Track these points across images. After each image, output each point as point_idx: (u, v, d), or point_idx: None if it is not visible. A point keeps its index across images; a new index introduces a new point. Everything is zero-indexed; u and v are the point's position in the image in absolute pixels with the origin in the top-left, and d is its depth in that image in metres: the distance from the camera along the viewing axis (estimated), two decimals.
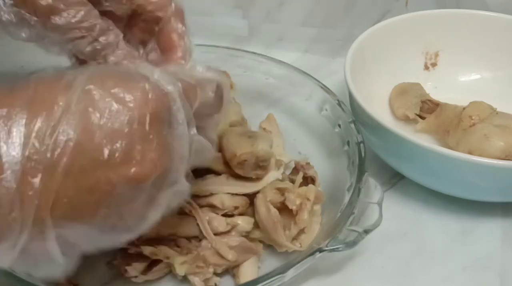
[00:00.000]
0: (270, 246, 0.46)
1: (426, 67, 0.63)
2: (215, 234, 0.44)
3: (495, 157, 0.48)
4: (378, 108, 0.58)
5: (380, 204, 0.44)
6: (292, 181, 0.48)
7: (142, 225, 0.32)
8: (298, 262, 0.40)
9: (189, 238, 0.44)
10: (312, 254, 0.41)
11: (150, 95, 0.30)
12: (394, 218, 0.48)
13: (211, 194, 0.45)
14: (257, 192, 0.46)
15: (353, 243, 0.42)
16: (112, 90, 0.29)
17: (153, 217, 0.33)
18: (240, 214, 0.46)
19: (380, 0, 0.67)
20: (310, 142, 0.56)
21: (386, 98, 0.61)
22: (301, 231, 0.45)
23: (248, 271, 0.44)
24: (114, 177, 0.28)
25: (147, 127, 0.29)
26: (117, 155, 0.28)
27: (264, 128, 0.56)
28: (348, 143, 0.50)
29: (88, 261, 0.43)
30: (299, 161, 0.50)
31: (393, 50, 0.61)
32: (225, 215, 0.45)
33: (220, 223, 0.44)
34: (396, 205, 0.51)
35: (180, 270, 0.43)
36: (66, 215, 0.28)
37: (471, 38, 0.61)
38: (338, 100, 0.53)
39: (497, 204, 0.51)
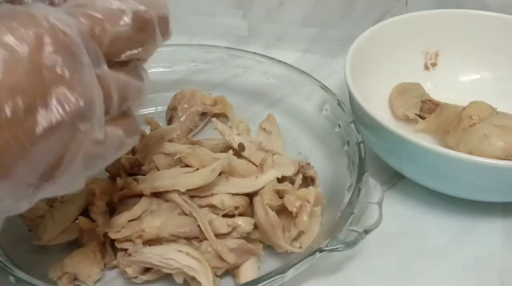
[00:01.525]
0: (270, 246, 0.46)
1: (426, 67, 0.63)
2: (216, 235, 0.44)
3: (495, 157, 0.48)
4: (378, 108, 0.58)
5: (380, 204, 0.44)
6: (292, 182, 0.48)
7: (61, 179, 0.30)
8: (298, 262, 0.40)
9: (189, 239, 0.44)
10: (312, 254, 0.41)
11: (45, 40, 0.27)
12: (394, 218, 0.48)
13: (211, 194, 0.45)
14: (258, 191, 0.46)
15: (353, 243, 0.42)
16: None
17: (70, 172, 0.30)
18: (241, 214, 0.46)
19: (380, 0, 0.67)
20: (310, 142, 0.56)
21: (386, 98, 0.61)
22: (301, 232, 0.45)
23: (248, 271, 0.44)
24: (21, 133, 0.27)
25: (45, 75, 0.27)
26: (19, 110, 0.26)
27: (264, 128, 0.56)
28: (348, 143, 0.50)
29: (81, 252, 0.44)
30: (299, 161, 0.50)
31: (393, 50, 0.61)
32: (226, 215, 0.45)
33: (221, 224, 0.44)
34: (396, 205, 0.51)
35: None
36: None
37: (471, 38, 0.61)
38: (338, 100, 0.53)
39: (497, 204, 0.51)
